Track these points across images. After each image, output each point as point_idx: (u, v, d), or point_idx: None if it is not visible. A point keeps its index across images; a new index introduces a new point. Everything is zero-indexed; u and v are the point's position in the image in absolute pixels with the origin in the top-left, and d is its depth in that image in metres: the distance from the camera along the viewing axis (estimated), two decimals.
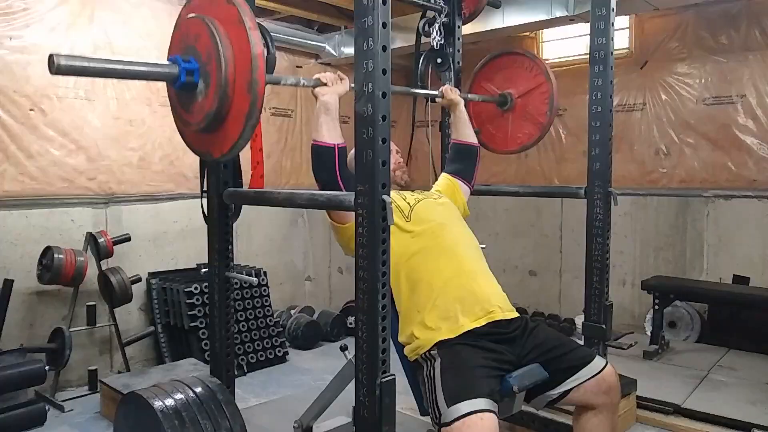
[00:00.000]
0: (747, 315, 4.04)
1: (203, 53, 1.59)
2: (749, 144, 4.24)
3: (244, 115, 1.52)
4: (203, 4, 1.66)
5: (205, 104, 1.61)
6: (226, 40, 1.54)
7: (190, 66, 1.61)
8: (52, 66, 1.38)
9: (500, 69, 3.01)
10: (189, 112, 1.69)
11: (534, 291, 5.28)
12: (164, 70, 1.63)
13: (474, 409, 1.67)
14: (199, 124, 1.66)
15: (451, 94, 2.55)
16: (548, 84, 2.86)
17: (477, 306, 1.95)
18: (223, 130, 1.61)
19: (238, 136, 1.57)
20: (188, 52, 1.65)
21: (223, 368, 2.26)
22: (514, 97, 2.94)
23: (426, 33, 2.81)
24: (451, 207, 2.30)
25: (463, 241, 2.12)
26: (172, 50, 1.75)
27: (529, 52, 3.03)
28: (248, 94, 1.50)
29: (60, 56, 1.39)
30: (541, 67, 2.90)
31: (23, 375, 3.05)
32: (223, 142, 1.63)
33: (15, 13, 3.45)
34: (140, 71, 1.63)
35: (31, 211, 3.55)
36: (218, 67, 1.54)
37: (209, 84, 1.58)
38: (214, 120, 1.59)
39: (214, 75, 1.56)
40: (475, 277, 2.02)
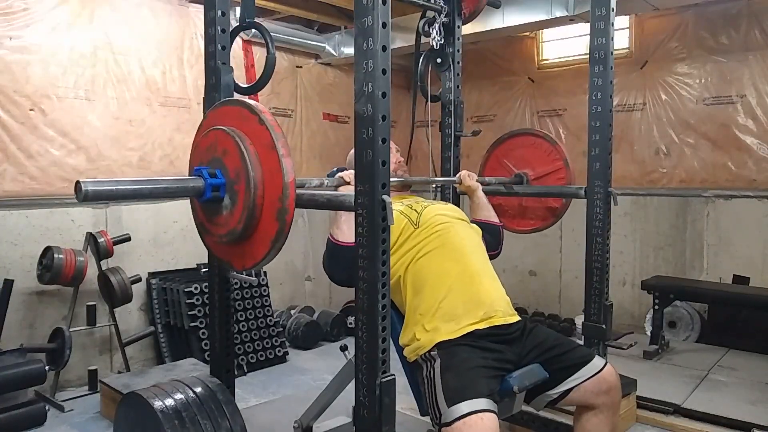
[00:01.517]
0: (747, 315, 4.04)
1: (231, 170, 1.56)
2: (749, 144, 4.24)
3: (270, 240, 1.51)
4: (232, 116, 1.63)
5: (230, 221, 1.59)
6: (257, 162, 1.51)
7: (216, 182, 1.58)
8: (80, 194, 1.34)
9: (518, 147, 3.03)
10: (213, 223, 1.66)
11: (534, 291, 5.28)
12: (189, 185, 1.58)
13: (474, 409, 1.67)
14: (221, 237, 1.63)
15: (469, 181, 2.53)
16: (566, 171, 2.88)
17: (480, 309, 1.95)
18: (248, 247, 1.60)
19: (262, 258, 1.56)
20: (214, 165, 1.61)
21: (223, 368, 2.26)
22: (529, 179, 2.95)
23: (426, 33, 2.81)
24: (456, 210, 2.30)
25: (468, 243, 2.12)
26: (197, 158, 1.71)
27: (549, 135, 3.04)
28: (276, 222, 1.49)
29: (87, 182, 1.35)
30: (560, 152, 2.91)
31: (23, 375, 3.05)
32: (246, 258, 1.62)
33: (15, 13, 3.45)
34: (166, 189, 1.59)
35: (31, 211, 3.55)
36: (247, 189, 1.51)
37: (236, 202, 1.56)
38: (239, 238, 1.58)
39: (242, 196, 1.53)
40: (480, 280, 2.02)
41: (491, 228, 2.43)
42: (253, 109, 1.58)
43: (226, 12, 2.19)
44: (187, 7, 4.22)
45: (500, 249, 2.45)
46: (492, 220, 2.47)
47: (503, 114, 5.42)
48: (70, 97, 3.68)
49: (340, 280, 1.91)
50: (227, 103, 1.72)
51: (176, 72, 4.20)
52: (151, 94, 4.08)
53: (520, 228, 3.05)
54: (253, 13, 2.33)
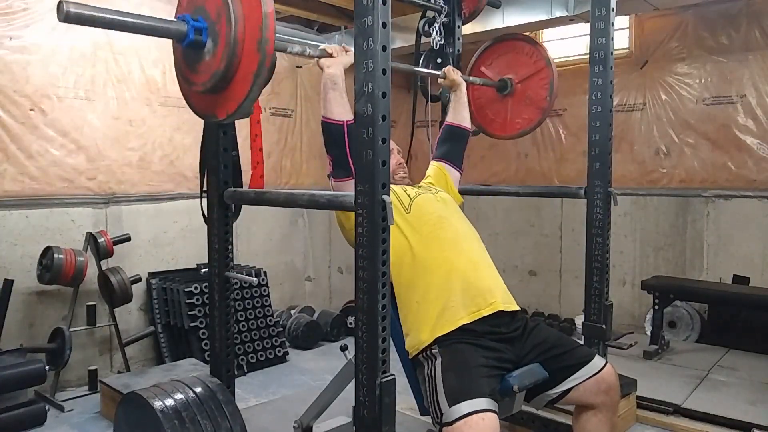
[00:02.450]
0: (747, 315, 4.04)
1: (212, 12, 1.58)
2: (749, 144, 4.24)
3: (252, 75, 1.50)
4: None
5: (212, 63, 1.59)
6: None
7: (199, 24, 1.59)
8: (61, 13, 1.36)
9: (500, 54, 3.02)
10: (195, 71, 1.67)
11: (534, 291, 5.28)
12: (172, 27, 1.60)
13: (475, 409, 1.67)
14: (205, 84, 1.63)
15: (453, 75, 2.57)
16: (548, 69, 2.86)
17: (479, 297, 1.94)
18: (230, 90, 1.59)
19: (244, 96, 1.55)
20: (197, 13, 1.63)
21: (223, 368, 2.26)
22: (514, 83, 2.94)
23: (426, 33, 2.81)
24: (450, 201, 2.30)
25: (464, 233, 2.12)
26: (180, 10, 1.72)
27: (530, 37, 3.02)
28: (257, 53, 1.48)
29: (69, 3, 1.36)
30: (541, 52, 2.90)
31: (23, 375, 3.05)
32: (229, 102, 1.61)
33: (15, 13, 3.45)
34: (148, 26, 1.59)
35: (31, 211, 3.55)
36: (228, 24, 1.52)
37: (218, 43, 1.56)
38: (221, 80, 1.57)
39: (223, 33, 1.54)
40: (477, 268, 2.02)
41: (462, 132, 2.54)
42: None
43: None
44: None
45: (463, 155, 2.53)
46: (465, 124, 2.56)
47: None
48: (70, 97, 3.68)
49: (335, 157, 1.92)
50: None
51: None
52: (151, 94, 4.08)
53: (507, 133, 3.05)
54: None
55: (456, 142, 2.52)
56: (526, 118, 2.96)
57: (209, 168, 2.20)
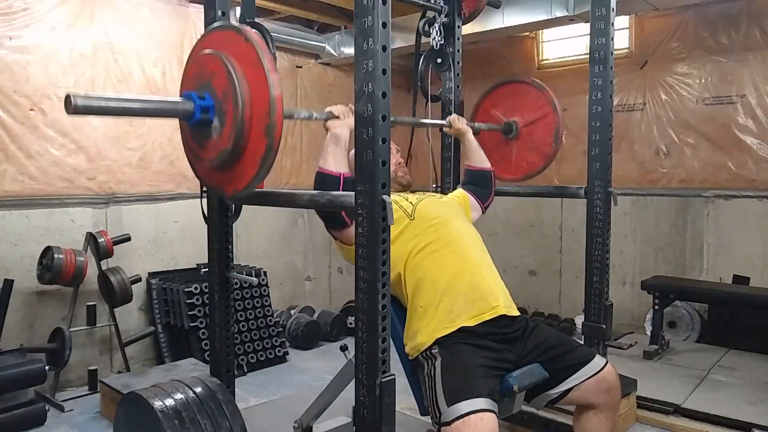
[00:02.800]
0: (747, 315, 4.04)
1: (219, 91, 1.56)
2: (749, 144, 4.24)
3: (259, 158, 1.50)
4: (220, 41, 1.62)
5: (219, 142, 1.58)
6: (243, 80, 1.51)
7: (205, 103, 1.58)
8: (69, 106, 1.34)
9: (506, 96, 3.01)
10: (202, 147, 1.66)
11: (534, 291, 5.28)
12: (179, 107, 1.59)
13: (474, 409, 1.67)
14: (212, 161, 1.63)
15: (458, 124, 2.56)
16: (554, 115, 2.86)
17: (481, 301, 1.95)
18: (237, 169, 1.59)
19: (252, 178, 1.55)
20: (203, 89, 1.61)
21: (223, 368, 2.26)
22: (519, 126, 2.94)
23: (426, 33, 2.80)
24: (453, 205, 2.30)
25: (466, 236, 2.12)
26: (186, 85, 1.71)
27: (536, 81, 3.01)
28: (265, 138, 1.48)
29: (77, 96, 1.35)
30: (548, 97, 2.90)
31: (23, 375, 3.05)
32: (236, 180, 1.61)
33: (15, 13, 3.45)
34: (155, 108, 1.60)
35: (31, 211, 3.55)
36: (235, 106, 1.50)
37: (224, 123, 1.56)
38: (229, 159, 1.57)
39: (230, 114, 1.53)
40: (479, 272, 2.02)
41: (483, 174, 2.49)
42: (238, 30, 1.56)
43: (226, 12, 2.19)
44: (187, 7, 4.22)
45: (491, 197, 2.50)
46: (483, 166, 2.52)
47: None
48: None
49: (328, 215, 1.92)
50: (213, 29, 1.71)
51: (176, 72, 4.20)
52: (151, 94, 4.08)
53: (513, 176, 3.04)
54: (253, 13, 2.33)
55: (479, 182, 2.47)
56: (531, 163, 2.96)
57: None
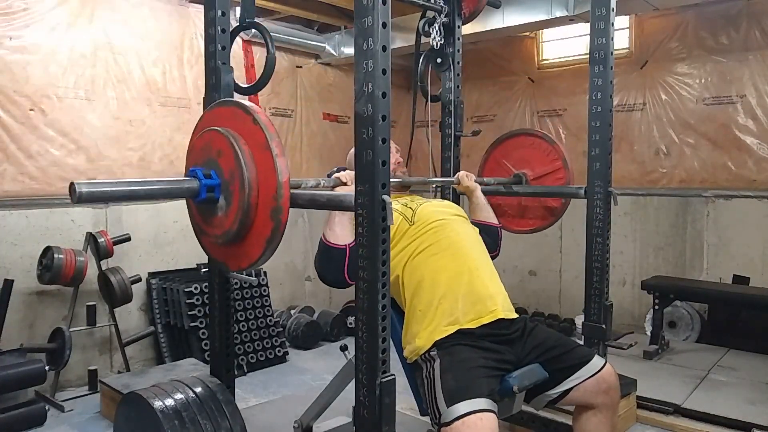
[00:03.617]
0: (747, 315, 4.04)
1: (226, 171, 1.57)
2: (749, 144, 4.24)
3: (265, 240, 1.52)
4: (227, 117, 1.63)
5: (225, 221, 1.59)
6: (251, 162, 1.52)
7: (210, 182, 1.59)
8: (74, 195, 1.33)
9: (517, 148, 3.02)
10: (208, 224, 1.67)
11: (534, 291, 5.28)
12: (184, 186, 1.59)
13: (473, 409, 1.67)
14: (217, 238, 1.64)
15: (467, 181, 2.54)
16: (565, 171, 2.87)
17: (480, 304, 1.95)
18: (243, 247, 1.60)
19: (257, 258, 1.57)
20: (209, 166, 1.62)
21: (223, 368, 2.26)
22: (528, 179, 2.94)
23: (426, 33, 2.80)
24: (453, 207, 2.30)
25: (466, 239, 2.12)
26: (192, 159, 1.71)
27: (548, 135, 3.03)
28: (271, 221, 1.49)
29: (81, 184, 1.34)
30: (559, 152, 2.91)
31: (23, 375, 3.05)
32: (241, 259, 1.62)
33: (15, 13, 3.45)
34: (161, 190, 1.60)
35: (31, 211, 3.55)
36: (241, 189, 1.51)
37: (231, 203, 1.57)
38: (234, 238, 1.58)
39: (236, 196, 1.54)
40: (478, 275, 2.02)
41: (490, 229, 2.43)
42: (247, 110, 1.57)
43: (226, 12, 2.19)
44: (187, 7, 4.22)
45: (498, 251, 2.45)
46: (490, 222, 2.47)
47: (503, 114, 5.43)
48: (70, 97, 3.68)
49: (330, 281, 1.90)
50: (222, 104, 1.72)
51: (176, 72, 4.20)
52: (151, 94, 4.08)
53: (519, 228, 3.04)
54: (253, 13, 2.33)
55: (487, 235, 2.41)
56: (539, 217, 2.97)
57: None
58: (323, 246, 1.88)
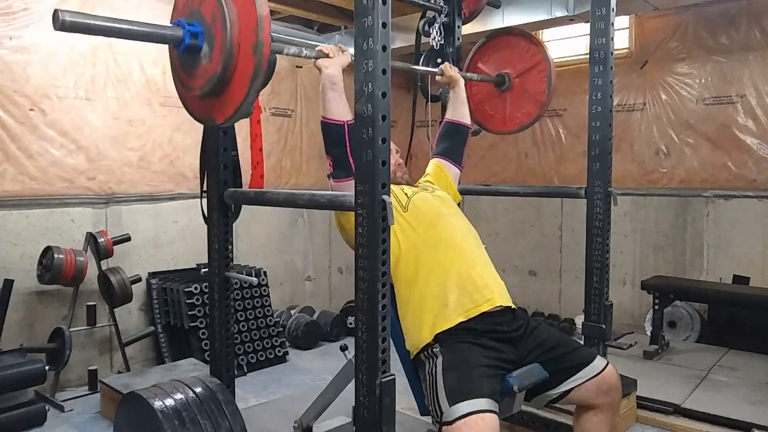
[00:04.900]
0: (747, 315, 4.04)
1: (208, 16, 1.58)
2: (749, 144, 4.24)
3: (248, 77, 1.51)
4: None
5: (209, 68, 1.60)
6: (231, 2, 1.53)
7: (194, 29, 1.60)
8: (56, 21, 1.36)
9: (497, 50, 3.00)
10: (192, 76, 1.68)
11: (534, 291, 5.28)
12: (168, 32, 1.61)
13: (475, 409, 1.67)
14: (202, 88, 1.64)
15: (450, 71, 2.56)
16: (546, 63, 2.85)
17: (477, 293, 1.94)
18: (227, 93, 1.60)
19: (242, 99, 1.56)
20: (192, 17, 1.64)
21: (223, 368, 2.26)
22: (511, 77, 2.93)
23: (426, 33, 2.81)
24: (447, 199, 2.29)
25: (461, 230, 2.12)
26: (176, 15, 1.74)
27: (526, 31, 3.01)
28: (253, 56, 1.49)
29: (65, 12, 1.37)
30: (538, 46, 2.89)
31: (23, 375, 3.05)
32: (226, 106, 1.62)
33: (15, 13, 3.45)
34: (144, 32, 1.61)
35: (31, 211, 3.55)
36: (223, 28, 1.53)
37: (214, 46, 1.57)
38: (218, 83, 1.58)
39: (219, 37, 1.55)
40: (474, 265, 2.01)
41: (461, 128, 2.53)
42: None
43: None
44: None
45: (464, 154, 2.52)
46: (464, 121, 2.55)
47: None
48: (70, 97, 3.68)
49: (335, 158, 1.90)
50: None
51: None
52: (151, 94, 4.08)
53: (507, 128, 3.03)
54: None
55: (456, 138, 2.51)
56: (525, 112, 2.95)
57: (209, 168, 2.20)
58: (323, 125, 1.90)
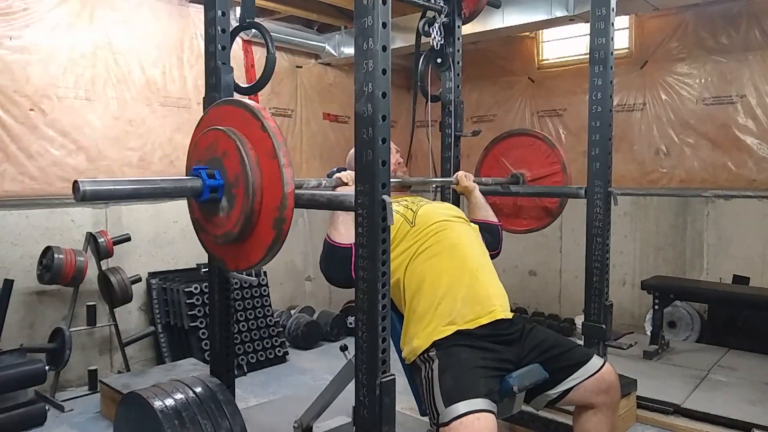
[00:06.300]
0: (747, 315, 4.04)
1: (230, 173, 1.55)
2: (749, 144, 4.24)
3: (266, 247, 1.52)
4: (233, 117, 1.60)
5: (226, 223, 1.58)
6: (257, 169, 1.50)
7: (214, 183, 1.58)
8: (77, 194, 1.32)
9: (516, 147, 3.02)
10: (209, 222, 1.66)
11: (534, 291, 5.28)
12: (188, 185, 1.58)
13: (471, 409, 1.67)
14: (217, 237, 1.63)
15: (465, 181, 2.54)
16: (563, 175, 2.88)
17: (478, 306, 1.95)
18: (243, 249, 1.59)
19: (257, 262, 1.57)
20: (213, 165, 1.60)
21: (223, 368, 2.26)
22: (526, 180, 2.94)
23: (426, 33, 2.81)
24: (454, 209, 2.30)
25: (466, 239, 2.12)
26: (196, 154, 1.69)
27: (548, 138, 3.02)
28: (273, 230, 1.48)
29: (85, 182, 1.33)
30: (558, 156, 2.91)
31: (23, 375, 3.05)
32: (240, 260, 1.62)
33: (15, 13, 3.45)
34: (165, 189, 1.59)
35: (31, 211, 3.55)
36: (245, 194, 1.50)
37: (233, 206, 1.55)
38: (234, 241, 1.58)
39: (240, 200, 1.52)
40: (477, 276, 2.02)
41: (490, 228, 2.42)
42: (256, 114, 1.55)
43: (226, 12, 2.19)
44: (187, 7, 4.22)
45: (500, 249, 2.44)
46: (490, 220, 2.46)
47: (503, 114, 5.43)
48: (70, 97, 3.68)
49: (336, 281, 1.89)
50: (230, 103, 1.70)
51: (176, 72, 4.20)
52: (151, 94, 4.08)
53: (515, 228, 3.04)
54: (253, 13, 2.33)
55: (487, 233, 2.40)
56: (534, 218, 2.98)
57: None
58: (328, 246, 1.87)
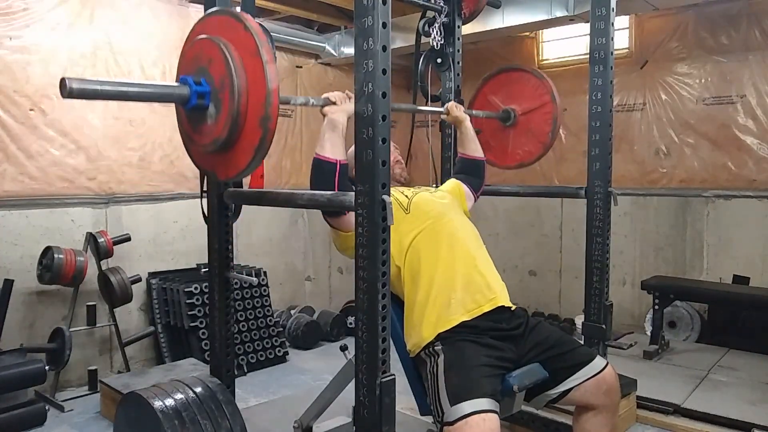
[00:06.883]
0: (747, 315, 4.05)
1: (216, 78, 1.57)
2: (749, 144, 4.24)
3: (253, 148, 1.52)
4: (219, 26, 1.62)
5: (214, 129, 1.59)
6: (241, 70, 1.51)
7: (201, 89, 1.59)
8: (64, 90, 1.34)
9: (506, 84, 3.01)
10: (197, 132, 1.67)
11: (534, 291, 5.28)
12: (175, 92, 1.60)
13: (477, 409, 1.67)
14: (206, 146, 1.64)
15: (456, 111, 2.55)
16: (553, 105, 2.86)
17: (478, 294, 1.95)
18: (231, 155, 1.60)
19: (245, 166, 1.57)
20: (200, 74, 1.62)
21: (223, 368, 2.26)
22: (517, 114, 2.93)
23: (426, 33, 2.81)
24: (449, 198, 2.29)
25: (462, 230, 2.12)
26: (183, 68, 1.71)
27: (537, 70, 3.01)
28: (259, 129, 1.48)
29: (72, 80, 1.35)
30: (547, 86, 2.90)
31: (23, 375, 3.05)
32: (229, 167, 1.63)
33: (15, 13, 3.45)
34: (152, 93, 1.62)
35: (31, 211, 3.55)
36: (231, 96, 1.51)
37: (220, 110, 1.56)
38: (223, 146, 1.59)
39: (226, 103, 1.54)
40: (475, 265, 2.02)
41: (476, 163, 2.51)
42: (238, 17, 1.56)
43: None
44: (187, 7, 4.22)
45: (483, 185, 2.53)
46: (477, 155, 2.54)
47: None
48: None
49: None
50: (213, 13, 1.71)
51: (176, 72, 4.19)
52: None
53: (506, 163, 3.04)
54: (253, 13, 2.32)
55: (472, 172, 2.49)
56: (527, 151, 2.96)
57: None
58: (315, 161, 1.90)
